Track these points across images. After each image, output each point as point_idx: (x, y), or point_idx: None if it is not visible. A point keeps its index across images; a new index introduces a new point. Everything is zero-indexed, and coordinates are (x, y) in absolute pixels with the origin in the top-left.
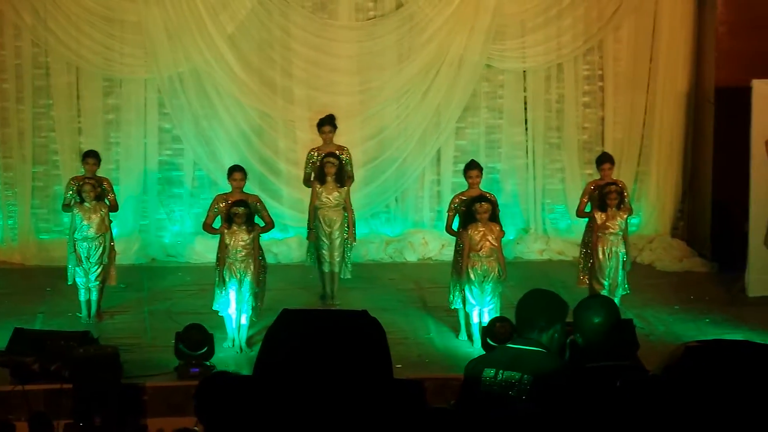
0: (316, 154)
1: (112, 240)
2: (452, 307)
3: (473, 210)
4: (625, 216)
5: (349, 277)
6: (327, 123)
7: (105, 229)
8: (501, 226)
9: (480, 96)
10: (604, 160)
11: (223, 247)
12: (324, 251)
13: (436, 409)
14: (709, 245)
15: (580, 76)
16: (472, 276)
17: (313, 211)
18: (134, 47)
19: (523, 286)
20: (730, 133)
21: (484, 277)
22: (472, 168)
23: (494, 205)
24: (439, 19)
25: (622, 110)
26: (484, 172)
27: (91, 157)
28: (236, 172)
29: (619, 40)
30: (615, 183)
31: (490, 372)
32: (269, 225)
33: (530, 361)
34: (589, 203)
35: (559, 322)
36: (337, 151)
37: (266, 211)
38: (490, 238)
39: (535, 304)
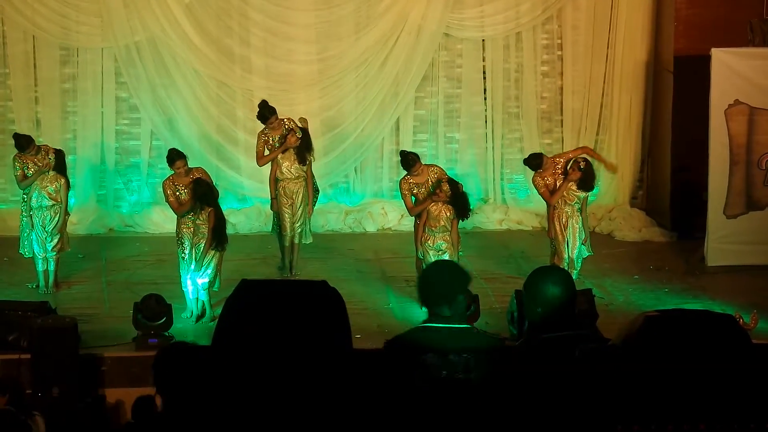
0: (269, 133)
1: (67, 213)
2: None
3: (434, 193)
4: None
5: (311, 241)
6: (271, 114)
7: (61, 200)
8: (453, 211)
9: (438, 65)
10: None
11: (186, 225)
12: (286, 222)
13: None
14: (668, 215)
15: (538, 45)
16: (427, 250)
17: (275, 182)
18: (90, 16)
19: (482, 255)
20: (689, 101)
21: (439, 251)
22: (417, 161)
23: (456, 186)
24: None
25: (580, 79)
26: (443, 141)
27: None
28: (178, 160)
29: (578, 9)
30: (585, 160)
31: (432, 356)
32: (217, 194)
33: (465, 341)
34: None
35: (462, 293)
36: (288, 122)
37: (210, 179)
38: (447, 213)
39: (436, 280)
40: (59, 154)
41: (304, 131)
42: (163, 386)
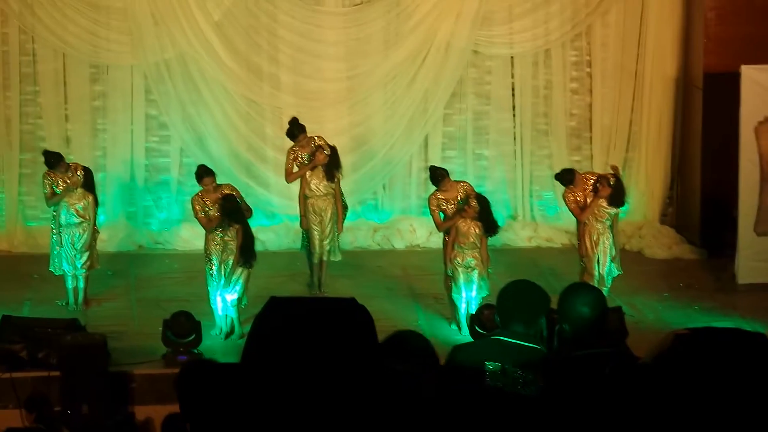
0: (298, 150)
1: (96, 230)
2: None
3: (463, 209)
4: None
5: (340, 258)
6: (300, 131)
7: (89, 217)
8: (482, 228)
9: (467, 82)
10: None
11: (215, 241)
12: (315, 240)
13: (430, 398)
14: (698, 232)
15: (567, 62)
16: (457, 266)
17: (303, 200)
18: (120, 33)
19: (512, 273)
20: (718, 118)
21: (468, 267)
22: (445, 176)
23: (485, 202)
24: (426, 5)
25: (610, 96)
26: (472, 158)
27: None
28: (206, 177)
29: (608, 26)
30: (615, 176)
31: (495, 366)
32: (250, 213)
33: (534, 359)
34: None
35: (543, 315)
36: (318, 141)
37: (240, 195)
38: (476, 230)
39: (519, 297)
40: (87, 172)
41: (333, 149)
42: (185, 403)
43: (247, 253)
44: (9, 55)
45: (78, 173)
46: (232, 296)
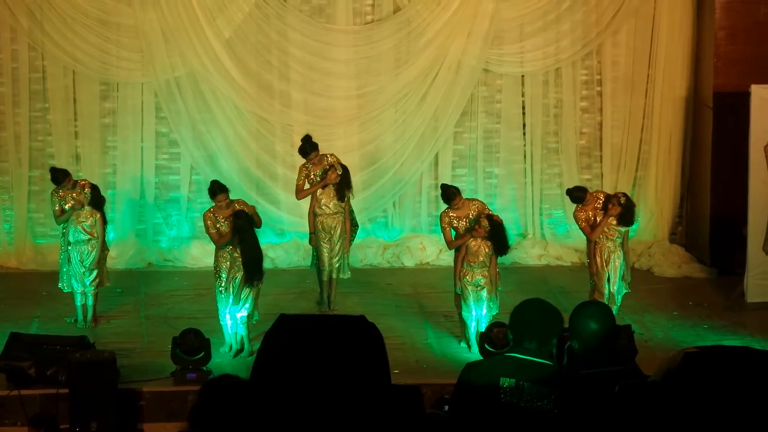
0: (310, 167)
1: (106, 248)
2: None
3: (473, 228)
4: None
5: (349, 275)
6: (312, 149)
7: (97, 235)
8: (492, 247)
9: (478, 100)
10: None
11: (224, 258)
12: (324, 257)
13: (435, 415)
14: (707, 251)
15: (578, 81)
16: (466, 285)
17: (313, 217)
18: (131, 51)
19: (522, 291)
20: (728, 137)
21: (477, 286)
22: (457, 195)
23: (495, 222)
24: (437, 24)
25: (620, 115)
26: (482, 176)
27: (63, 175)
28: (220, 194)
29: (618, 45)
30: (625, 195)
31: (509, 382)
32: (259, 223)
33: (548, 375)
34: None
35: (557, 334)
36: (330, 158)
37: (252, 209)
38: (485, 249)
39: (535, 315)
40: (95, 189)
41: (345, 168)
42: (201, 419)
43: (251, 270)
44: (19, 72)
45: (86, 191)
46: (241, 314)
